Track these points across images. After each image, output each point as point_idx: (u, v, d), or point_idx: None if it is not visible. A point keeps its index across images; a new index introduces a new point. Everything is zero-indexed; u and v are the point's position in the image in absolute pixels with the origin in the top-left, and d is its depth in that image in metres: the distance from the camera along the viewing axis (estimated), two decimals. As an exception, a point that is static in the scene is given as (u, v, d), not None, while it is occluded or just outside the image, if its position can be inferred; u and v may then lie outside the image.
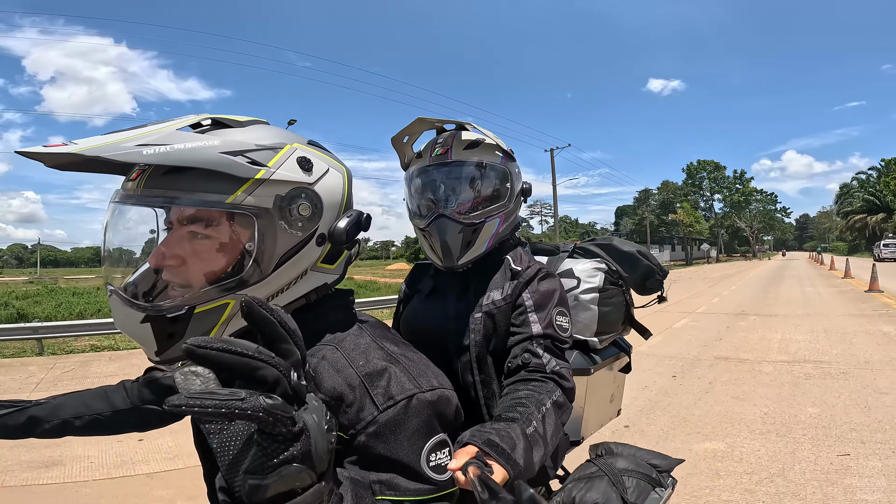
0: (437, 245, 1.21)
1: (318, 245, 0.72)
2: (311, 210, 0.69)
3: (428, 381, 0.68)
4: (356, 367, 0.66)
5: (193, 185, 0.63)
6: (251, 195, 0.64)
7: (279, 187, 0.66)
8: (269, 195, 0.65)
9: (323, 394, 0.64)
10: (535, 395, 0.99)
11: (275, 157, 0.67)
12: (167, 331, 0.65)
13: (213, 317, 0.66)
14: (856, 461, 3.17)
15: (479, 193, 1.22)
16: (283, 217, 0.67)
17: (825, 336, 7.24)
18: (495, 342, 1.16)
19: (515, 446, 0.82)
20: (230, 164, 0.62)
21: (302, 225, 0.69)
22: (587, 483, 1.11)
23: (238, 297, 0.66)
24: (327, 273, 0.76)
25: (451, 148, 1.22)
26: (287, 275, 0.70)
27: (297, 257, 0.70)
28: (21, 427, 0.94)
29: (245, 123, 0.70)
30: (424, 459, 0.63)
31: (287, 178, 0.67)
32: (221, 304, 0.65)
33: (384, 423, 0.62)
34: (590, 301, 1.34)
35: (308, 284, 0.73)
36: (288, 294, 0.71)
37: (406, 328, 1.32)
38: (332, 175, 0.74)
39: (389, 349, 0.71)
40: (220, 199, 0.63)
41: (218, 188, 0.63)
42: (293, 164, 0.69)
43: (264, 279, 0.67)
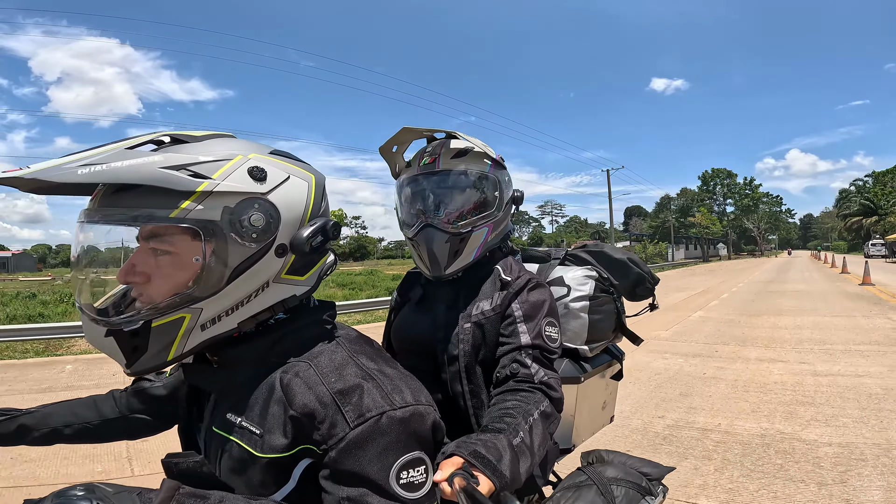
0: (425, 254, 1.22)
1: (277, 256, 0.70)
2: (265, 220, 0.68)
3: (402, 397, 0.67)
4: (328, 383, 0.66)
5: (138, 201, 0.63)
6: (196, 208, 0.64)
7: (227, 199, 0.65)
8: (215, 207, 0.64)
9: (294, 410, 0.65)
10: (523, 406, 0.99)
11: (221, 169, 0.66)
12: (131, 344, 0.66)
13: (171, 331, 0.66)
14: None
15: (466, 202, 1.22)
16: (233, 229, 0.66)
17: (815, 293, 13.74)
18: (484, 352, 1.16)
19: (502, 458, 0.82)
20: (168, 179, 0.62)
21: (256, 236, 0.67)
22: (575, 492, 1.11)
23: (193, 310, 0.66)
24: (295, 284, 0.74)
25: (439, 157, 1.22)
26: (243, 288, 0.68)
27: (253, 270, 0.68)
28: (12, 435, 0.96)
29: (202, 138, 0.70)
30: (394, 477, 0.63)
31: (234, 188, 0.66)
32: (177, 318, 0.66)
33: (353, 440, 0.62)
34: (580, 309, 1.34)
35: (271, 297, 0.72)
36: (249, 307, 0.70)
37: (397, 337, 1.32)
38: (293, 183, 0.72)
39: (365, 365, 0.70)
40: (163, 214, 0.63)
41: (160, 203, 0.63)
42: (242, 174, 0.67)
43: (218, 292, 0.66)
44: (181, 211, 0.63)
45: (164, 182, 0.62)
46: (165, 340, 0.67)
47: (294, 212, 0.71)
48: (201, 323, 0.67)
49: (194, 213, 0.64)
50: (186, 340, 0.68)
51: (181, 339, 0.67)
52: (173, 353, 0.68)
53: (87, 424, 1.00)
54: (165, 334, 0.66)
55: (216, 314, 0.68)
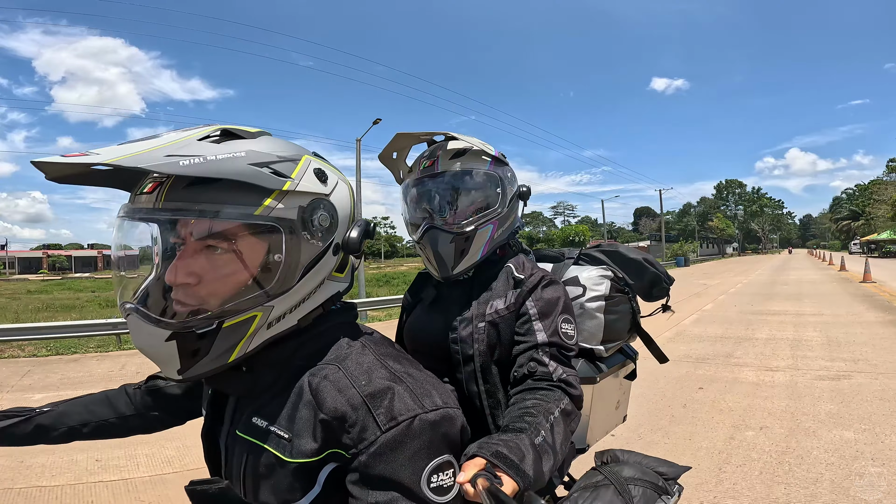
0: (431, 256, 1.22)
1: (333, 255, 0.73)
2: (330, 220, 0.71)
3: (432, 400, 0.67)
4: (359, 386, 0.65)
5: (220, 197, 0.62)
6: (278, 206, 0.65)
7: (301, 198, 0.68)
8: (293, 206, 0.66)
9: (325, 414, 0.64)
10: (543, 404, 0.98)
11: (296, 169, 0.68)
12: (193, 348, 0.65)
13: (240, 331, 0.66)
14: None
15: (468, 201, 1.23)
16: (305, 228, 0.68)
17: (807, 275, 22.37)
18: (500, 351, 1.16)
19: (524, 457, 0.81)
20: (258, 176, 0.63)
21: (322, 235, 0.70)
22: (593, 492, 1.10)
23: (265, 308, 0.66)
24: (339, 282, 0.77)
25: (438, 159, 1.23)
26: (309, 285, 0.71)
27: (318, 267, 0.71)
28: (29, 435, 0.96)
29: (255, 135, 0.70)
30: (425, 481, 0.62)
31: (309, 189, 0.69)
32: (249, 316, 0.65)
33: (385, 444, 0.61)
34: (596, 309, 1.33)
35: (324, 294, 0.75)
36: (308, 304, 0.72)
37: (409, 338, 1.32)
38: (342, 187, 0.76)
39: (393, 367, 0.70)
40: (248, 212, 0.63)
41: (245, 200, 0.63)
42: (312, 175, 0.70)
43: (290, 290, 0.68)
44: (265, 209, 0.64)
45: (254, 178, 0.62)
46: (232, 341, 0.66)
47: (346, 213, 0.75)
48: (270, 321, 0.68)
49: (276, 212, 0.65)
50: (252, 340, 0.67)
51: (248, 338, 0.67)
52: (236, 353, 0.67)
53: (104, 422, 1.01)
54: (234, 335, 0.66)
55: (283, 312, 0.69)
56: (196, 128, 0.67)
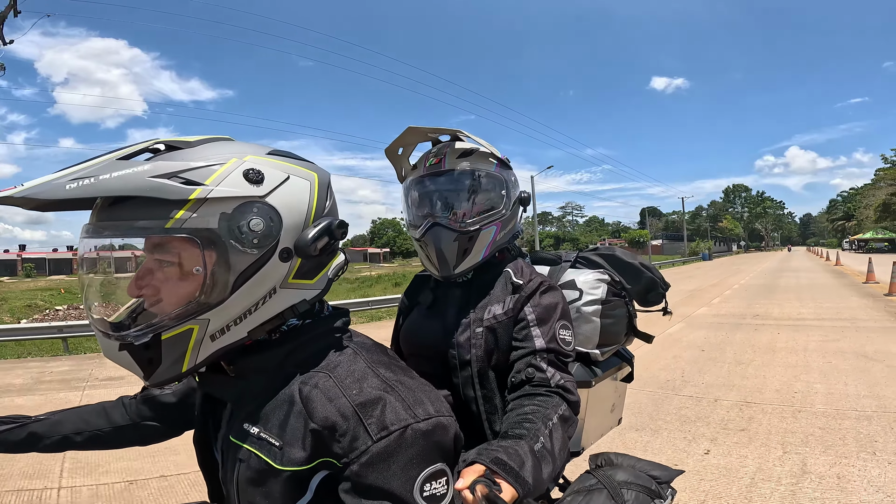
0: (433, 254, 1.21)
1: (282, 261, 0.67)
2: (266, 224, 0.65)
3: (424, 409, 0.66)
4: (349, 396, 0.65)
5: (132, 213, 0.62)
6: (192, 217, 0.61)
7: (223, 205, 0.63)
8: (212, 214, 0.62)
9: (315, 423, 0.64)
10: (542, 411, 0.99)
11: (215, 174, 0.63)
12: (145, 357, 0.65)
13: (181, 343, 0.65)
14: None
15: (474, 201, 1.22)
16: (232, 235, 0.63)
17: (804, 262, 34.30)
18: (497, 357, 1.16)
19: (524, 464, 0.81)
20: (160, 188, 0.60)
21: (257, 241, 0.65)
22: (586, 496, 1.11)
23: (200, 321, 0.64)
24: (304, 289, 0.72)
25: (445, 157, 1.22)
26: (250, 296, 0.66)
27: (258, 276, 0.66)
28: (22, 442, 0.96)
29: (196, 143, 0.67)
30: (418, 490, 0.62)
31: (230, 193, 0.63)
32: (185, 329, 0.64)
33: (377, 454, 0.61)
34: (592, 313, 1.33)
35: (280, 303, 0.70)
36: (258, 315, 0.68)
37: (406, 341, 1.32)
38: (294, 183, 0.69)
39: (385, 375, 0.69)
40: (158, 225, 0.61)
41: (154, 214, 0.61)
42: (238, 178, 0.64)
43: (223, 302, 0.64)
44: (176, 221, 0.61)
45: (156, 192, 0.60)
46: (177, 352, 0.66)
47: (296, 213, 0.68)
48: (210, 334, 0.66)
49: (190, 223, 0.61)
50: (198, 352, 0.66)
51: (192, 350, 0.66)
52: (186, 364, 0.67)
53: (98, 431, 1.00)
54: (176, 346, 0.65)
55: (224, 324, 0.66)
56: (133, 144, 0.66)
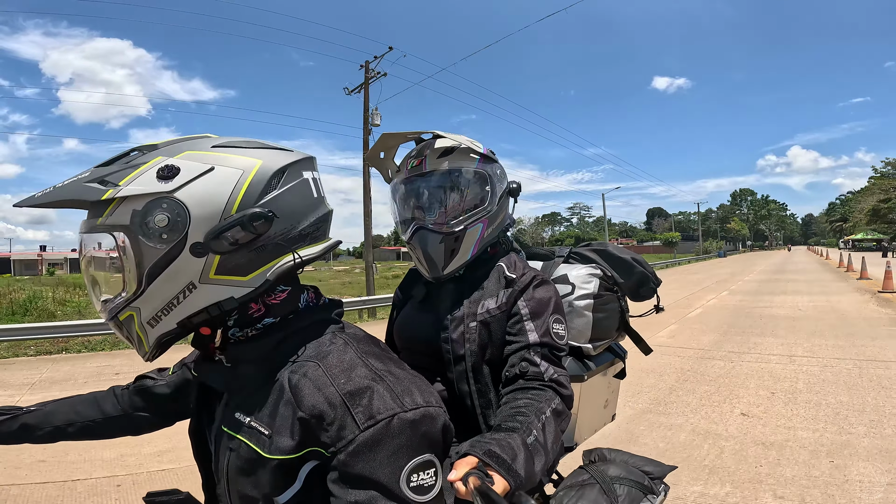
0: (422, 256, 1.22)
1: (196, 256, 0.66)
2: (169, 219, 0.65)
3: (412, 399, 0.66)
4: (337, 384, 0.65)
5: (89, 213, 0.70)
6: (112, 215, 0.67)
7: (134, 202, 0.66)
8: (125, 212, 0.66)
9: (303, 411, 0.64)
10: (535, 404, 0.99)
11: (130, 175, 0.67)
12: (125, 334, 0.73)
13: (130, 325, 0.71)
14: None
15: (457, 201, 1.21)
16: (140, 231, 0.66)
17: (803, 257, 43.26)
18: (491, 351, 1.15)
19: (516, 456, 0.81)
20: (83, 191, 0.66)
21: (165, 237, 0.65)
22: (578, 491, 1.11)
23: (134, 308, 0.70)
24: (232, 286, 0.69)
25: (426, 158, 1.22)
26: (166, 289, 0.67)
27: (169, 271, 0.66)
28: (14, 433, 0.96)
29: (161, 146, 0.72)
30: (405, 480, 0.62)
31: (138, 191, 0.65)
32: (128, 315, 0.71)
33: (363, 443, 0.61)
34: (584, 307, 1.33)
35: (203, 298, 0.68)
36: (182, 308, 0.69)
37: (400, 335, 1.32)
38: (215, 175, 0.67)
39: (374, 365, 0.69)
40: (94, 223, 0.68)
41: (94, 213, 0.68)
42: (150, 176, 0.66)
43: (141, 293, 0.68)
44: (103, 218, 0.67)
45: (80, 195, 0.66)
46: (134, 333, 0.72)
47: (210, 207, 0.66)
48: (146, 321, 0.70)
49: (110, 219, 0.67)
50: (146, 335, 0.72)
51: (141, 332, 0.72)
52: (145, 345, 0.72)
53: (90, 422, 1.00)
54: (130, 327, 0.72)
55: (153, 314, 0.70)
56: (116, 155, 0.72)
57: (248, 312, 0.74)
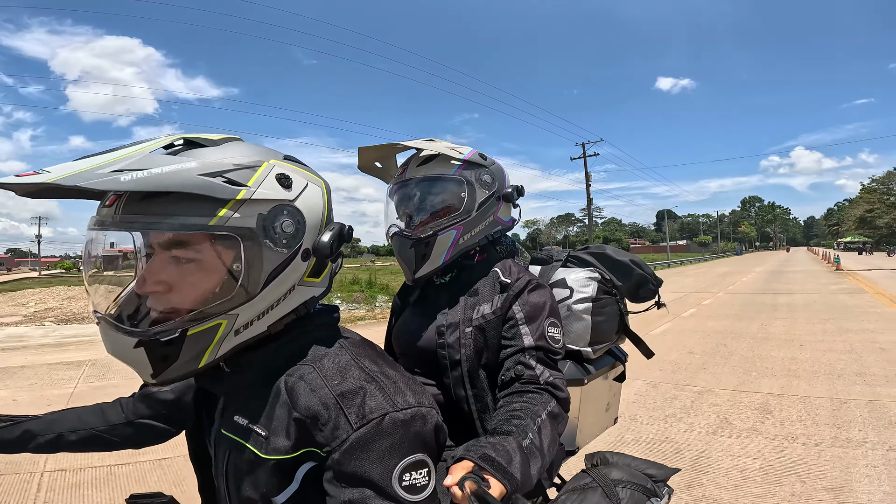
0: (399, 261, 1.26)
1: (303, 260, 0.72)
2: (295, 226, 0.69)
3: (404, 399, 0.67)
4: (331, 386, 0.66)
5: (173, 209, 0.62)
6: (234, 216, 0.64)
7: (261, 206, 0.67)
8: (251, 214, 0.65)
9: (298, 412, 0.65)
10: (530, 407, 0.99)
11: (254, 176, 0.67)
12: (161, 354, 0.66)
13: (206, 338, 0.66)
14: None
15: (428, 208, 1.25)
16: (267, 236, 0.67)
17: (802, 255, 60.14)
18: (487, 356, 1.16)
19: (512, 460, 0.81)
20: (210, 186, 0.62)
21: (286, 242, 0.69)
22: (580, 495, 1.10)
23: (230, 316, 0.66)
24: (314, 287, 0.76)
25: (408, 167, 1.26)
26: (275, 292, 0.70)
27: (283, 274, 0.70)
28: (16, 441, 0.95)
29: (219, 142, 0.69)
30: (396, 479, 0.62)
31: (268, 196, 0.67)
32: (213, 325, 0.66)
33: (356, 442, 0.62)
34: (583, 311, 1.33)
35: (296, 299, 0.74)
36: (278, 310, 0.72)
37: (397, 341, 1.32)
38: (312, 190, 0.74)
39: (368, 367, 0.71)
40: (202, 223, 0.63)
41: (199, 211, 0.63)
42: (273, 181, 0.68)
43: (254, 298, 0.67)
44: (219, 219, 0.63)
45: (205, 189, 0.62)
46: (199, 348, 0.67)
47: (315, 217, 0.73)
48: (236, 328, 0.68)
49: (232, 221, 0.64)
50: (220, 346, 0.68)
51: (215, 345, 0.68)
52: (205, 359, 0.68)
53: (93, 430, 1.00)
54: (200, 342, 0.66)
55: (250, 319, 0.69)
56: (156, 139, 0.67)
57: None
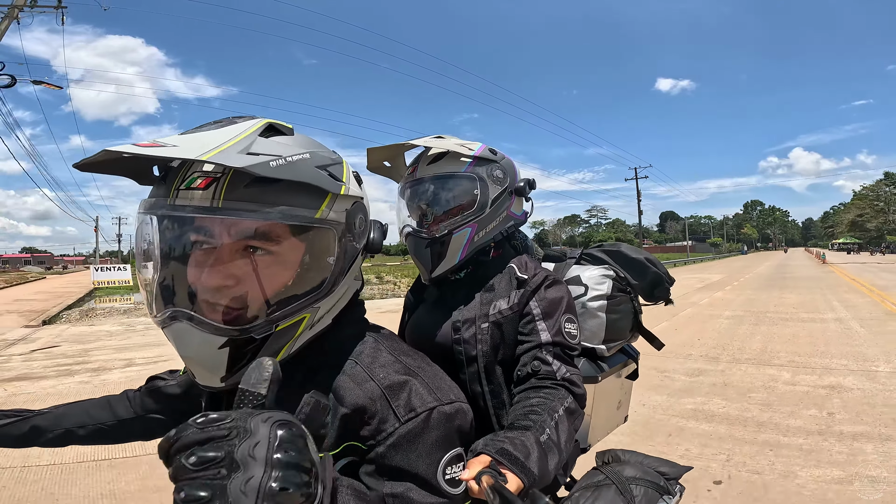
0: (415, 260, 1.25)
1: (362, 255, 0.75)
2: (365, 223, 0.73)
3: (446, 394, 0.68)
4: (377, 379, 0.66)
5: (283, 198, 0.60)
6: (332, 210, 0.65)
7: (348, 202, 0.69)
8: (342, 210, 0.67)
9: (345, 407, 0.65)
10: (547, 403, 0.99)
11: (344, 172, 0.69)
12: (243, 353, 0.62)
13: (289, 333, 0.65)
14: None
15: (442, 206, 1.22)
16: (350, 230, 0.69)
17: (800, 253, 72.36)
18: (503, 351, 1.16)
19: (529, 455, 0.82)
20: (321, 179, 0.63)
21: (357, 236, 0.71)
22: (594, 492, 1.10)
23: (313, 309, 0.66)
24: (356, 280, 0.77)
25: (418, 165, 1.24)
26: (345, 285, 0.71)
27: (352, 267, 0.72)
28: (24, 436, 0.95)
29: (292, 132, 0.68)
30: (441, 472, 0.63)
31: (354, 192, 0.70)
32: (299, 318, 0.65)
33: (404, 435, 0.62)
34: (598, 308, 1.33)
35: (349, 292, 0.75)
36: (341, 303, 0.73)
37: (411, 337, 1.32)
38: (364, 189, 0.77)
39: (407, 362, 0.71)
40: (309, 214, 0.62)
41: (307, 203, 0.62)
42: (353, 178, 0.72)
43: (334, 290, 0.68)
44: (322, 212, 0.64)
45: (320, 181, 0.62)
46: (280, 344, 0.64)
47: (371, 215, 0.77)
48: (313, 322, 0.67)
49: (332, 215, 0.65)
50: (297, 340, 0.66)
51: (294, 340, 0.66)
52: (282, 355, 0.66)
53: (102, 425, 0.99)
54: (283, 337, 0.64)
55: (325, 311, 0.69)
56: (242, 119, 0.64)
57: None
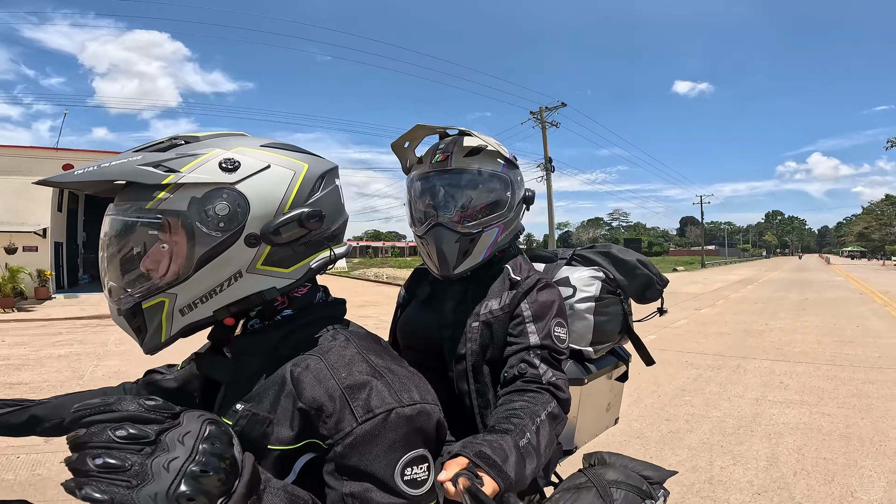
0: (434, 253, 1.21)
1: (249, 246, 0.70)
2: (231, 209, 0.69)
3: (409, 395, 0.68)
4: (338, 378, 0.67)
5: (128, 196, 0.69)
6: (168, 199, 0.67)
7: (194, 190, 0.68)
8: (183, 198, 0.68)
9: (303, 403, 0.66)
10: (530, 407, 0.99)
11: (191, 163, 0.69)
12: (135, 324, 0.72)
13: (156, 313, 0.70)
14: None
15: (478, 202, 1.20)
16: (198, 218, 0.68)
17: (811, 263, 66.13)
18: (492, 351, 1.16)
19: (507, 459, 0.82)
20: (140, 174, 0.67)
21: (222, 225, 0.68)
22: (574, 494, 1.10)
23: (169, 295, 0.69)
24: (275, 277, 0.73)
25: (452, 155, 1.20)
26: (213, 276, 0.69)
27: (221, 258, 0.69)
28: (23, 425, 0.96)
29: (204, 138, 0.73)
30: (399, 473, 0.63)
31: (200, 180, 0.68)
32: (158, 301, 0.70)
33: (361, 436, 0.63)
34: (585, 310, 1.32)
35: (246, 287, 0.72)
36: (223, 296, 0.71)
37: (403, 333, 1.32)
38: (273, 172, 0.72)
39: (374, 362, 0.71)
40: (140, 205, 0.68)
41: (141, 196, 0.68)
42: (212, 166, 0.69)
43: (188, 279, 0.69)
44: (154, 202, 0.67)
45: (136, 177, 0.67)
46: (156, 321, 0.71)
47: (268, 201, 0.71)
48: (179, 308, 0.70)
49: (164, 204, 0.68)
50: (171, 323, 0.71)
51: (166, 320, 0.71)
52: (164, 333, 0.72)
53: None
54: (154, 316, 0.71)
55: (190, 300, 0.70)
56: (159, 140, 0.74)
57: (273, 304, 0.77)
